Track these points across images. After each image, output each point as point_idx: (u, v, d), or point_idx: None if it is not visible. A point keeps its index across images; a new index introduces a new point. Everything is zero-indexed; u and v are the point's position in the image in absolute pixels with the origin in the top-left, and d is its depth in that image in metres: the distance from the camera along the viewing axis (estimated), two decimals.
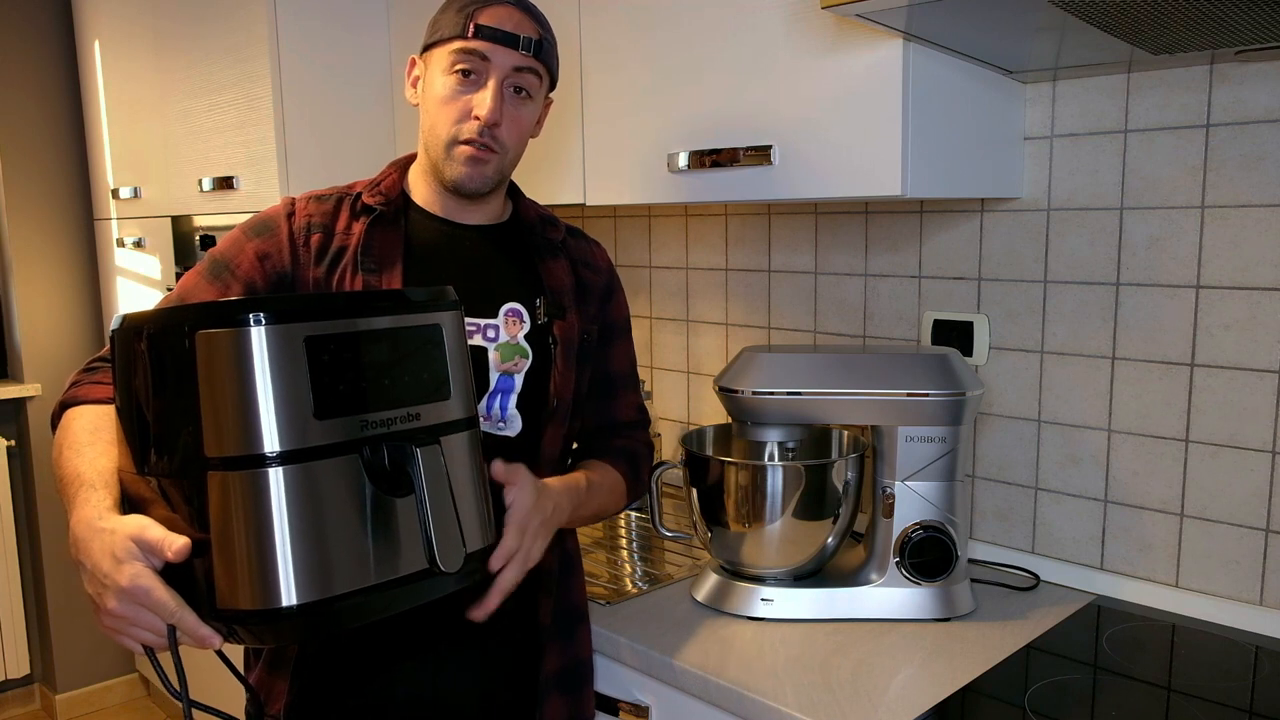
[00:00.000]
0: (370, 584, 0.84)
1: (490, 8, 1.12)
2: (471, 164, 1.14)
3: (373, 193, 1.18)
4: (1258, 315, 1.27)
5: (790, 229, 1.77)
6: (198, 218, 2.23)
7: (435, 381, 0.91)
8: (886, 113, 1.19)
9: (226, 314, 0.81)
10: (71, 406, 1.04)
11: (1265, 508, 1.28)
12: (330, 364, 0.83)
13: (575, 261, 1.27)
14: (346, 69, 1.99)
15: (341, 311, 0.86)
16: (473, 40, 1.10)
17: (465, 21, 1.11)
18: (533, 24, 1.14)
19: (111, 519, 0.86)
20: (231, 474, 0.80)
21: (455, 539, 0.86)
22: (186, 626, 0.83)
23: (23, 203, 2.72)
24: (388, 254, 1.14)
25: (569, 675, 1.24)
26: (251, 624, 0.81)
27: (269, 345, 0.80)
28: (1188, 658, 1.22)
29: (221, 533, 0.81)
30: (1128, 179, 1.36)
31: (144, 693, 2.99)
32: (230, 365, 0.80)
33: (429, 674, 1.15)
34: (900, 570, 1.32)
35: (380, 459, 0.85)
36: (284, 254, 1.13)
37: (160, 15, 2.26)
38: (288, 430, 0.80)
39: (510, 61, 1.12)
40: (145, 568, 0.83)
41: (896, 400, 1.29)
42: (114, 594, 0.83)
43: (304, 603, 0.80)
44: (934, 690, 1.12)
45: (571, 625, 1.25)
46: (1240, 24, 1.03)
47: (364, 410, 0.85)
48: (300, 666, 1.13)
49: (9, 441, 2.73)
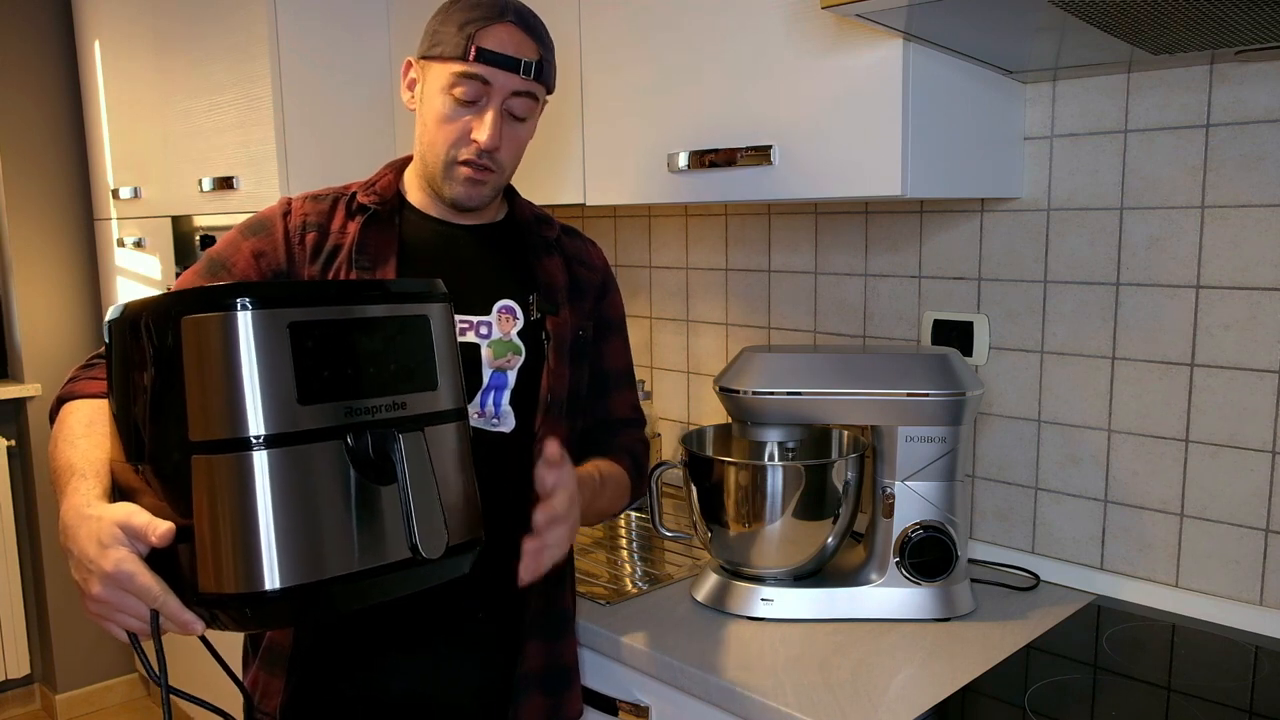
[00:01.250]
0: (354, 570, 0.85)
1: (492, 28, 1.11)
2: (469, 185, 1.15)
3: (367, 192, 1.19)
4: (1258, 315, 1.27)
5: (790, 229, 1.77)
6: (198, 218, 2.23)
7: (422, 372, 0.92)
8: (886, 113, 1.19)
9: (213, 299, 0.82)
10: (68, 401, 1.05)
11: (1265, 508, 1.28)
12: (315, 350, 0.84)
13: (570, 259, 1.27)
14: (346, 69, 1.99)
15: (327, 299, 0.86)
16: (474, 64, 1.10)
17: (466, 44, 1.10)
18: (533, 44, 1.13)
19: (99, 506, 0.87)
20: (216, 457, 0.81)
21: (438, 526, 0.87)
22: (169, 611, 0.83)
23: (23, 203, 2.72)
24: (382, 252, 1.15)
25: (552, 676, 1.23)
26: (234, 607, 0.82)
27: (254, 330, 0.81)
28: (1188, 658, 1.22)
29: (206, 516, 0.81)
30: (1128, 179, 1.36)
31: (144, 693, 2.99)
32: (215, 349, 0.81)
33: (422, 669, 1.16)
34: (900, 570, 1.32)
35: (364, 446, 0.86)
36: (279, 252, 1.14)
37: (160, 15, 2.26)
38: (272, 415, 0.81)
39: (510, 86, 1.12)
40: (130, 553, 0.83)
41: (896, 400, 1.29)
42: (98, 579, 0.84)
43: (287, 586, 0.81)
44: (934, 690, 1.12)
45: (557, 628, 1.24)
46: (1240, 24, 1.03)
47: (349, 397, 0.85)
48: (295, 663, 1.14)
49: (9, 441, 2.74)
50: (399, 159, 1.26)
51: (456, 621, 1.17)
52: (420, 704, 1.16)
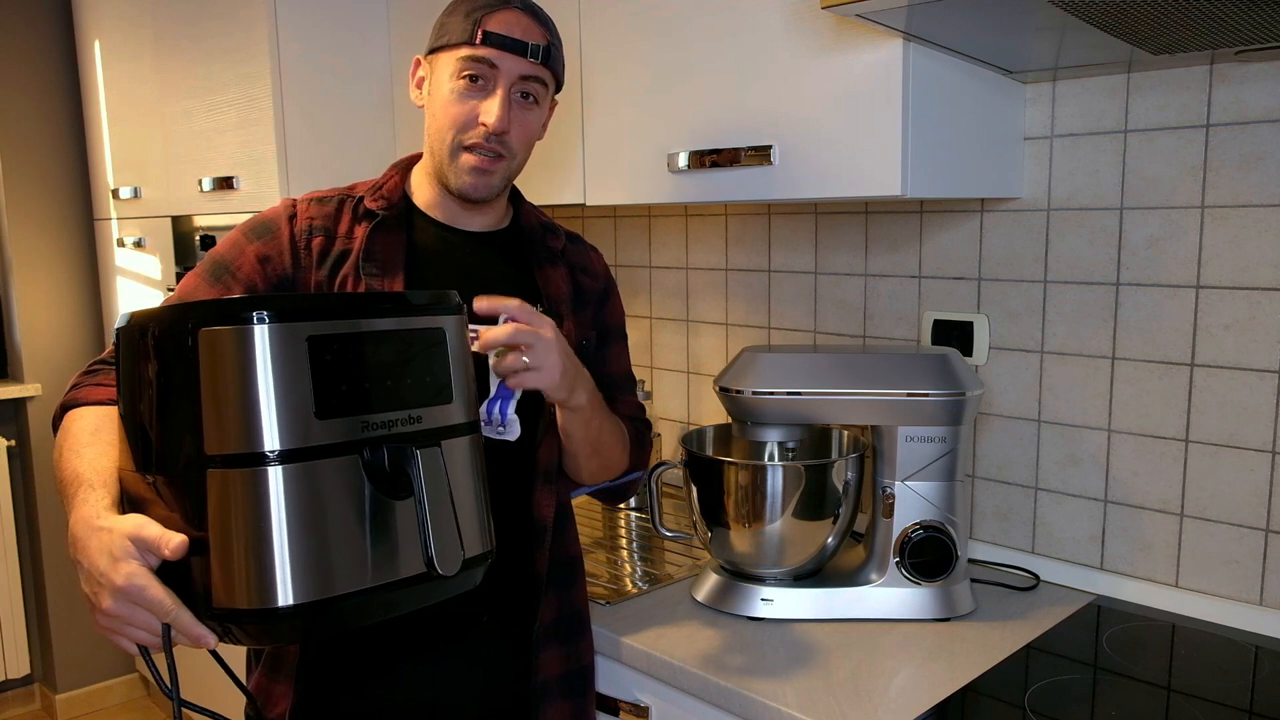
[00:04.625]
0: (368, 585, 0.84)
1: (499, 13, 1.10)
2: (476, 174, 1.14)
3: (374, 197, 1.18)
4: (1258, 315, 1.27)
5: (790, 229, 1.77)
6: (198, 218, 2.23)
7: (437, 385, 0.91)
8: (886, 113, 1.19)
9: (230, 311, 0.81)
10: (72, 408, 1.04)
11: (1265, 508, 1.28)
12: (332, 364, 0.83)
13: (574, 268, 1.27)
14: (346, 69, 1.99)
15: (345, 312, 0.85)
16: (481, 48, 1.09)
17: (473, 28, 1.10)
18: (541, 30, 1.13)
19: (109, 518, 0.86)
20: (232, 472, 0.80)
21: (454, 542, 0.86)
22: (182, 625, 0.83)
23: (23, 203, 2.72)
24: (390, 259, 1.14)
25: (572, 680, 1.24)
26: (247, 623, 0.81)
27: (271, 344, 0.80)
28: (1188, 658, 1.22)
29: (220, 531, 0.80)
30: (1128, 179, 1.36)
31: (144, 693, 2.99)
32: (232, 363, 0.80)
33: (429, 676, 1.15)
34: (900, 570, 1.32)
35: (380, 460, 0.85)
36: (285, 257, 1.13)
37: (160, 15, 2.26)
38: (288, 429, 0.80)
39: (518, 69, 1.11)
40: (141, 566, 0.83)
41: (896, 400, 1.29)
42: (110, 593, 0.83)
43: (301, 603, 0.80)
44: (934, 690, 1.12)
45: (575, 631, 1.25)
46: (1240, 24, 1.03)
47: (365, 411, 0.85)
48: (302, 670, 1.13)
49: (9, 441, 2.74)
50: (404, 159, 1.24)
51: (462, 628, 1.16)
52: (427, 711, 1.15)
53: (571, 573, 1.26)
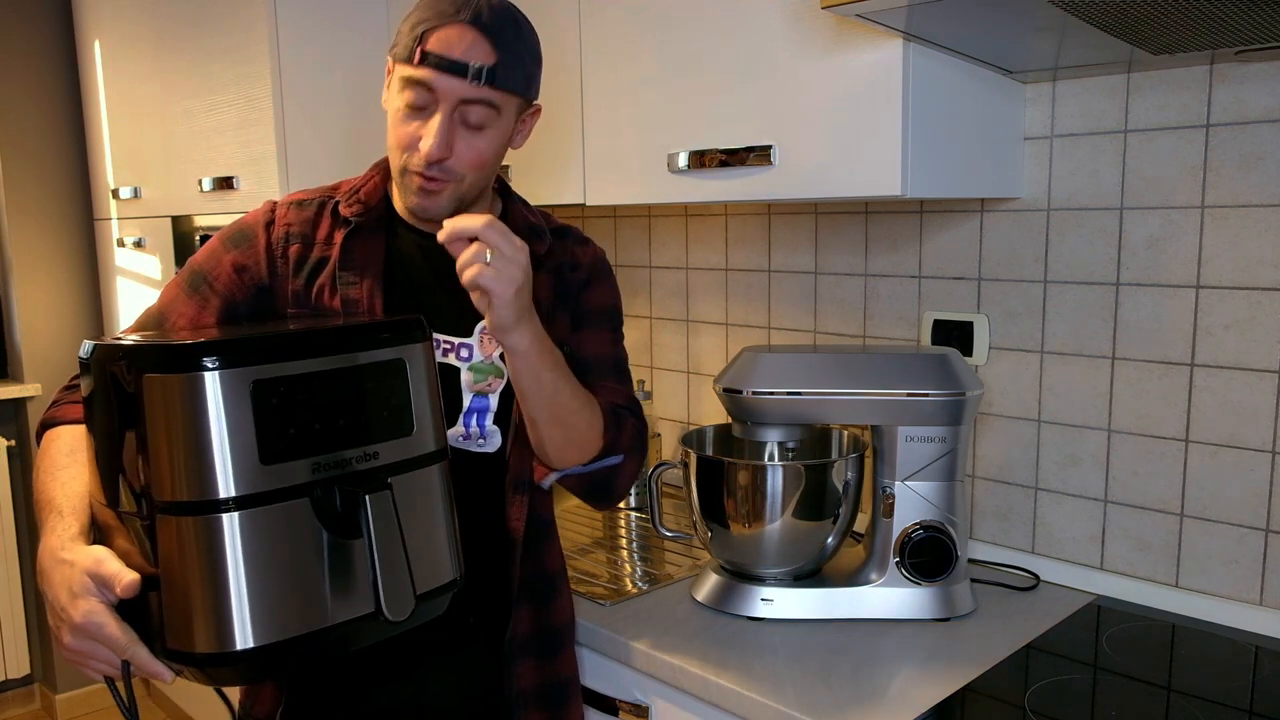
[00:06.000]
0: (325, 625, 0.84)
1: (442, 30, 1.01)
2: (423, 194, 1.07)
3: (350, 201, 1.14)
4: (1258, 315, 1.27)
5: (790, 229, 1.77)
6: (198, 218, 2.23)
7: (396, 418, 0.89)
8: (886, 113, 1.19)
9: (176, 357, 0.79)
10: (51, 427, 1.03)
11: (1265, 508, 1.28)
12: (280, 407, 0.81)
13: (561, 267, 1.21)
14: (346, 69, 1.99)
15: (294, 353, 0.83)
16: (419, 68, 1.01)
17: (414, 45, 1.02)
18: (488, 46, 1.02)
19: (73, 549, 0.86)
20: (183, 519, 0.79)
21: (404, 586, 0.85)
22: (139, 662, 0.83)
23: (23, 203, 2.72)
24: (367, 266, 1.11)
25: (548, 691, 1.21)
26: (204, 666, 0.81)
27: (215, 391, 0.79)
28: (1188, 658, 1.22)
29: (172, 576, 0.80)
30: (1128, 179, 1.36)
31: (143, 693, 2.99)
32: (177, 410, 0.79)
33: (413, 678, 1.14)
34: (900, 570, 1.32)
35: (332, 500, 0.84)
36: (261, 265, 1.10)
37: (160, 15, 2.26)
38: (237, 476, 0.79)
39: (458, 93, 1.02)
40: (100, 603, 0.83)
41: (896, 400, 1.29)
42: (69, 629, 0.83)
43: (256, 646, 0.80)
44: (934, 690, 1.12)
45: (552, 646, 1.22)
46: (1240, 24, 1.03)
47: (315, 452, 0.83)
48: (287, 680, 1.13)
49: (9, 441, 2.74)
50: (385, 158, 1.19)
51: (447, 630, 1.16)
52: (411, 713, 1.15)
53: (549, 588, 1.23)
